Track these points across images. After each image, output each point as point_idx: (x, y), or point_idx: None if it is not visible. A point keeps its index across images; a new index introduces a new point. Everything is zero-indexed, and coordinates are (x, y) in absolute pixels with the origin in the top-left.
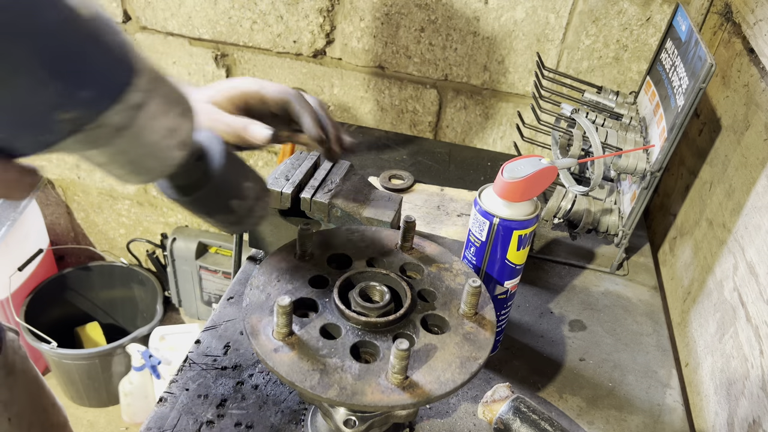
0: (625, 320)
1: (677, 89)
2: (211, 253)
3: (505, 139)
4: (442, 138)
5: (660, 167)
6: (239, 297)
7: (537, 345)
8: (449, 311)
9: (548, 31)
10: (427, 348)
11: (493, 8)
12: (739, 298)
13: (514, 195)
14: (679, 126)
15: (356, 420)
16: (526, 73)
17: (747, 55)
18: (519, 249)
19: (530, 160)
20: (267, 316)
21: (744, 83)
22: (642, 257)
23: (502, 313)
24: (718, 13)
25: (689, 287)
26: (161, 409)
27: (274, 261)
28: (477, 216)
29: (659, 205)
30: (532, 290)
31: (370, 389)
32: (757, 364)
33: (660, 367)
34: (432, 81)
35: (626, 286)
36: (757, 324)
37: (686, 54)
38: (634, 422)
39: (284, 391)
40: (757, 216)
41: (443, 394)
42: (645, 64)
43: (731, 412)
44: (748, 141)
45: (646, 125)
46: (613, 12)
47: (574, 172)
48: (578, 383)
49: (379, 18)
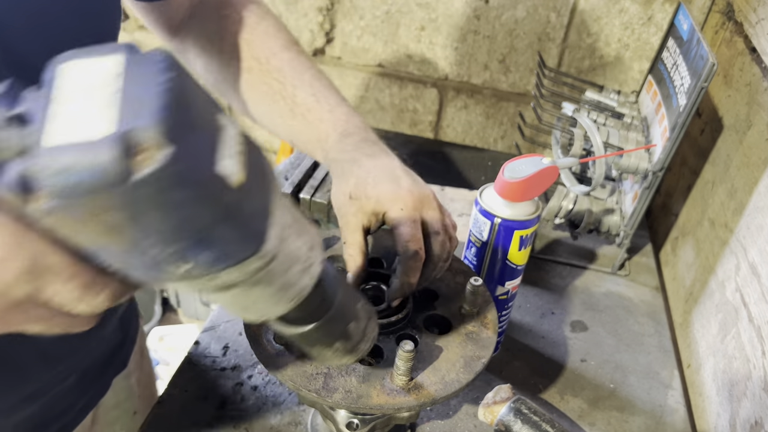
0: (626, 321)
1: (679, 88)
2: None
3: (506, 138)
4: (443, 137)
5: (662, 167)
6: None
7: (538, 346)
8: (451, 311)
9: (549, 30)
10: (430, 349)
11: (493, 7)
12: (742, 298)
13: (515, 195)
14: (680, 125)
15: (359, 423)
16: (527, 72)
17: (749, 54)
18: (520, 249)
19: (531, 159)
20: None
21: (746, 82)
22: (644, 257)
23: (503, 314)
24: (720, 12)
25: (691, 288)
26: (161, 410)
27: None
28: (478, 216)
29: (661, 205)
30: (533, 291)
31: (375, 392)
32: (759, 365)
33: (662, 368)
34: (432, 80)
35: (628, 287)
36: (760, 325)
37: (688, 53)
38: (635, 423)
39: (284, 392)
40: (759, 216)
41: (449, 395)
42: (647, 63)
43: (733, 414)
44: (751, 140)
45: (647, 125)
46: (614, 11)
47: (576, 171)
48: (580, 384)
49: (379, 16)
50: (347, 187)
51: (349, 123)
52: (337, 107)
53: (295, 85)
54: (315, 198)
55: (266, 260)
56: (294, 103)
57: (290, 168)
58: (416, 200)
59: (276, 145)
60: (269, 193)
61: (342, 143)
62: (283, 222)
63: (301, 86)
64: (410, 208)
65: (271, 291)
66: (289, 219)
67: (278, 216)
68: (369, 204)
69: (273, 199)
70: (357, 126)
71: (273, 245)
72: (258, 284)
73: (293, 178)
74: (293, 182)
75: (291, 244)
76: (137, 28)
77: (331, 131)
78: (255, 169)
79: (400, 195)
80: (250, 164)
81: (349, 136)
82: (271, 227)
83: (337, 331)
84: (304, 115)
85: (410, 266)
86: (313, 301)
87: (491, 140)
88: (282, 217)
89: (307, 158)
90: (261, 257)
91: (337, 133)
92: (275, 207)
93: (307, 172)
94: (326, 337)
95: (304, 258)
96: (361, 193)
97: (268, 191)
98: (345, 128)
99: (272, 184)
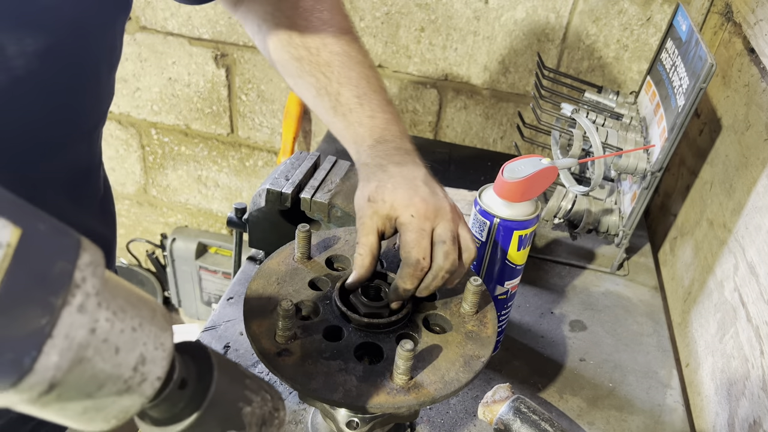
0: (625, 320)
1: (678, 89)
2: (210, 253)
3: (505, 139)
4: (443, 138)
5: (660, 167)
6: (239, 297)
7: (537, 345)
8: (450, 310)
9: (548, 31)
10: (430, 348)
11: (493, 8)
12: (740, 298)
13: (514, 195)
14: (679, 126)
15: (359, 421)
16: (526, 72)
17: (747, 55)
18: (519, 249)
19: (530, 160)
20: (268, 319)
21: (744, 83)
22: (642, 257)
23: (502, 314)
24: (718, 12)
25: (690, 287)
26: None
27: (273, 264)
28: (477, 216)
29: (660, 205)
30: (533, 290)
31: (376, 391)
32: (757, 365)
33: (660, 367)
34: (432, 81)
35: (627, 287)
36: (758, 324)
37: (687, 54)
38: (634, 423)
39: (284, 392)
40: (757, 216)
41: (448, 394)
42: (645, 64)
43: (732, 413)
44: (749, 141)
45: (646, 125)
46: (613, 12)
47: (575, 172)
48: (579, 384)
49: (379, 17)
50: (368, 190)
51: (386, 130)
52: (379, 112)
53: (341, 82)
54: (315, 198)
55: (36, 392)
56: (338, 101)
57: (291, 168)
58: (429, 209)
59: (276, 146)
60: (49, 311)
61: (375, 149)
62: (81, 341)
63: (347, 84)
64: (421, 216)
65: (73, 413)
66: (102, 331)
67: (69, 336)
68: (384, 208)
69: (61, 316)
70: (394, 134)
71: (46, 376)
72: (47, 407)
73: (294, 178)
74: (294, 182)
75: (99, 364)
76: (138, 29)
77: (367, 136)
78: (27, 282)
79: (413, 202)
80: (16, 278)
81: (383, 143)
82: (45, 355)
83: (218, 425)
84: (345, 116)
85: (407, 272)
86: (168, 408)
87: (491, 141)
88: (79, 336)
89: (308, 158)
90: (23, 390)
91: (372, 139)
92: (63, 326)
93: (308, 172)
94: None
95: (126, 377)
96: (379, 196)
97: (46, 308)
98: (381, 135)
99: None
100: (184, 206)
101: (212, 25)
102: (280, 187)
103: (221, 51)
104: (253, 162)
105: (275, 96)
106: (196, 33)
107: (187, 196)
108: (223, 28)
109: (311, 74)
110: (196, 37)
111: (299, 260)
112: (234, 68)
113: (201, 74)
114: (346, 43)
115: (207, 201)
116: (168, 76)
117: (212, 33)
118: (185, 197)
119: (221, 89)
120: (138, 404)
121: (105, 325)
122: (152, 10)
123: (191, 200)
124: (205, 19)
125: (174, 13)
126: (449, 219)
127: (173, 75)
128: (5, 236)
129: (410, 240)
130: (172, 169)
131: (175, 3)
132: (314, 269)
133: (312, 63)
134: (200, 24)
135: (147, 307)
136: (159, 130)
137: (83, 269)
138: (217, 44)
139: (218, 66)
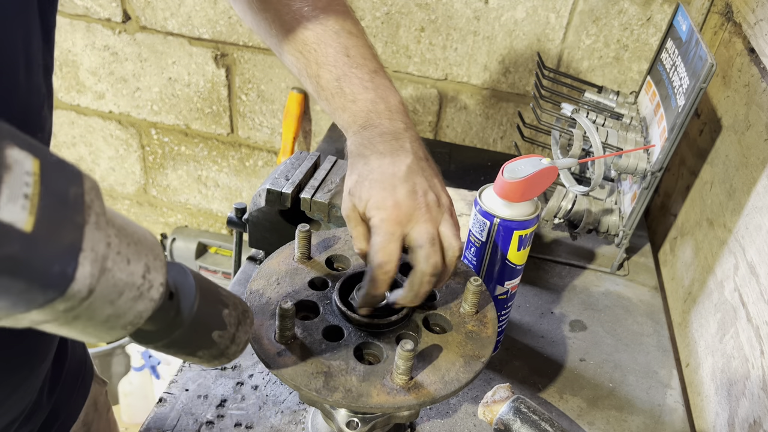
0: (625, 320)
1: (678, 89)
2: (211, 253)
3: (505, 139)
4: (443, 138)
5: (660, 167)
6: None
7: (537, 345)
8: (450, 311)
9: (548, 31)
10: (430, 348)
11: (493, 8)
12: (740, 298)
13: (514, 195)
14: (679, 126)
15: (359, 421)
16: (526, 72)
17: (747, 55)
18: (519, 249)
19: (530, 160)
20: (268, 319)
21: (745, 83)
22: (642, 257)
23: (502, 314)
24: (718, 12)
25: (690, 287)
26: (161, 409)
27: (273, 264)
28: (477, 216)
29: (660, 205)
30: (533, 290)
31: (376, 391)
32: (757, 365)
33: (660, 367)
34: (432, 81)
35: (627, 287)
36: (758, 324)
37: (687, 54)
38: (634, 423)
39: (284, 392)
40: (757, 216)
41: (448, 394)
42: (645, 64)
43: (732, 413)
44: (749, 141)
45: (646, 125)
46: (613, 12)
47: (575, 172)
48: (579, 384)
49: (378, 17)
50: (350, 182)
51: (372, 113)
52: (361, 93)
53: (319, 63)
54: (315, 198)
55: (77, 299)
56: (318, 85)
57: (291, 168)
58: (401, 213)
59: (276, 146)
60: (76, 228)
61: (359, 135)
62: (103, 253)
63: (325, 65)
64: (391, 221)
65: (98, 321)
66: (114, 246)
67: (94, 249)
68: (360, 205)
69: (84, 232)
70: (381, 114)
71: (85, 284)
72: (78, 319)
73: (294, 178)
74: (294, 182)
75: (117, 273)
76: (138, 29)
77: (351, 122)
78: (56, 204)
79: (386, 205)
80: (47, 202)
81: (368, 129)
82: (81, 265)
83: (196, 341)
84: (329, 101)
85: (372, 276)
86: (162, 317)
87: (491, 140)
88: (101, 249)
89: (308, 158)
90: (68, 299)
91: (357, 125)
92: (88, 240)
93: (308, 172)
94: (186, 347)
95: (138, 284)
96: (357, 191)
97: (74, 225)
98: (366, 119)
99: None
100: (184, 206)
101: (212, 25)
102: (280, 187)
103: (221, 51)
104: (253, 162)
105: (275, 96)
106: (196, 33)
107: (187, 196)
108: (223, 28)
109: (290, 53)
110: (196, 37)
111: (299, 260)
112: (234, 68)
113: (201, 74)
114: (321, 11)
115: (207, 201)
116: (168, 76)
117: (212, 33)
118: (185, 197)
119: (221, 89)
120: (149, 309)
121: (115, 240)
122: (152, 10)
123: (191, 200)
124: (205, 19)
125: (174, 13)
126: (425, 220)
127: (173, 75)
128: (30, 166)
129: (375, 243)
130: (172, 169)
131: (176, 3)
132: (314, 269)
133: (289, 41)
134: (200, 24)
135: (137, 226)
136: (159, 130)
137: (89, 192)
138: (217, 44)
139: (218, 66)
